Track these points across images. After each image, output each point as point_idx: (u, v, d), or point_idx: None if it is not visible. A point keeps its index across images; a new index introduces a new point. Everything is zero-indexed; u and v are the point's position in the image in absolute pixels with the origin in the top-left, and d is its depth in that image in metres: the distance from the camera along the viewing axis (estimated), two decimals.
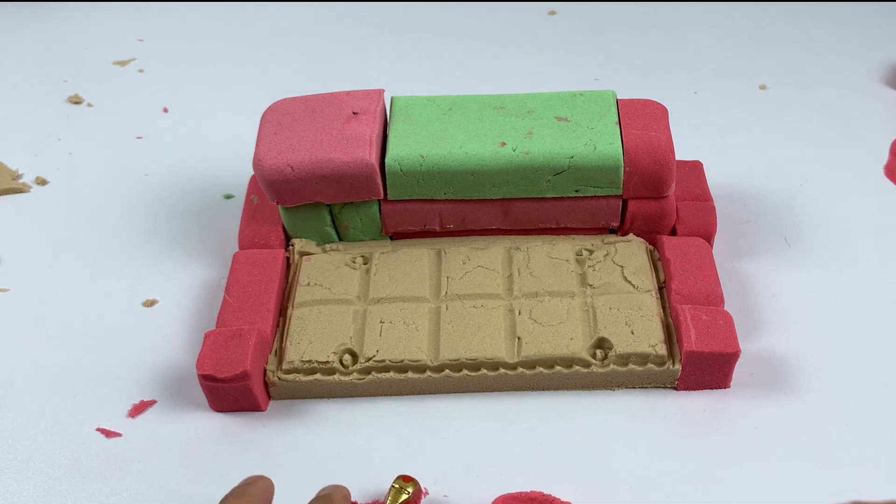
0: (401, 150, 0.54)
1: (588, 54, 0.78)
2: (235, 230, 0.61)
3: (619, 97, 0.57)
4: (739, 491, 0.47)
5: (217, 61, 0.80)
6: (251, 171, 0.63)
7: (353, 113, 0.55)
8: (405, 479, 0.46)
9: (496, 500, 0.45)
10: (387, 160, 0.54)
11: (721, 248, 0.59)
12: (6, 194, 0.67)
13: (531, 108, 0.56)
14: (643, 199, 0.55)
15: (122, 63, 0.80)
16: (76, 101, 0.76)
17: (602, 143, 0.53)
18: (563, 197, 0.55)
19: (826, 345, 0.53)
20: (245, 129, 0.68)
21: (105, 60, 0.81)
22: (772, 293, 0.56)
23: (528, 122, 0.55)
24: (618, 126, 0.54)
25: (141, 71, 0.79)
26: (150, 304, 0.58)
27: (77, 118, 0.74)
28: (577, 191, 0.55)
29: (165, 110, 0.75)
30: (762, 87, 0.73)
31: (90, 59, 0.81)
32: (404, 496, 0.45)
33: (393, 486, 0.45)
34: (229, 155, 0.69)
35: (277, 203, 0.55)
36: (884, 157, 0.66)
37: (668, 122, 0.55)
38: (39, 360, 0.55)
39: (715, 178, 0.63)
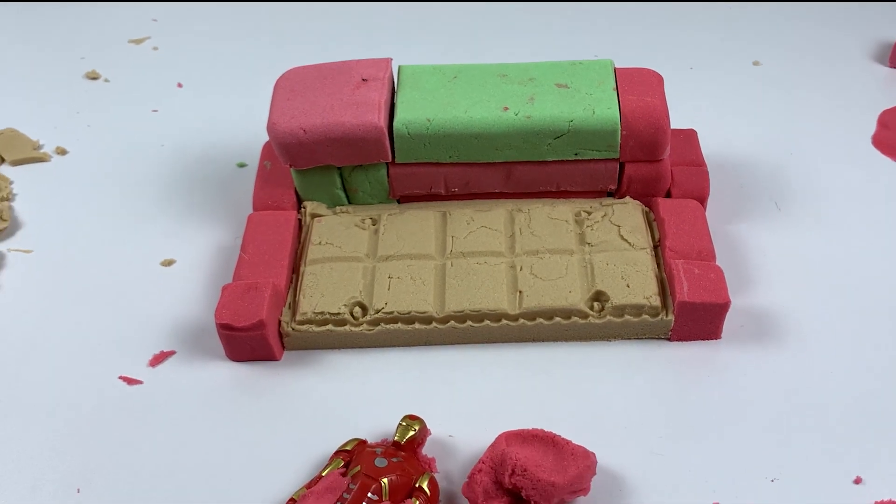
0: (408, 114, 0.57)
1: (587, 32, 0.81)
2: (249, 196, 0.63)
3: None
4: (728, 431, 0.49)
5: (228, 39, 0.82)
6: (263, 142, 0.66)
7: (363, 80, 0.58)
8: (411, 418, 0.48)
9: (500, 436, 0.47)
10: (395, 123, 0.56)
11: (714, 212, 0.62)
12: (28, 163, 0.70)
13: (533, 75, 0.59)
14: (639, 163, 0.58)
15: (138, 41, 0.83)
16: (93, 76, 0.79)
17: (600, 108, 0.56)
18: (563, 160, 0.58)
19: (812, 300, 0.56)
20: (256, 103, 0.71)
21: (120, 39, 0.83)
22: (762, 253, 0.59)
23: (529, 88, 0.58)
24: (615, 92, 0.57)
25: (155, 49, 0.82)
26: (168, 263, 0.61)
27: (94, 93, 0.77)
28: (576, 154, 0.57)
29: (180, 85, 0.77)
30: (755, 64, 0.76)
31: (106, 38, 0.83)
32: (411, 433, 0.47)
33: (400, 424, 0.48)
34: (242, 127, 0.72)
35: (290, 166, 0.58)
36: (872, 128, 0.69)
37: (663, 89, 0.58)
38: (63, 316, 0.58)
39: (709, 149, 0.65)
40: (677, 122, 0.63)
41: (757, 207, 0.63)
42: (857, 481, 0.47)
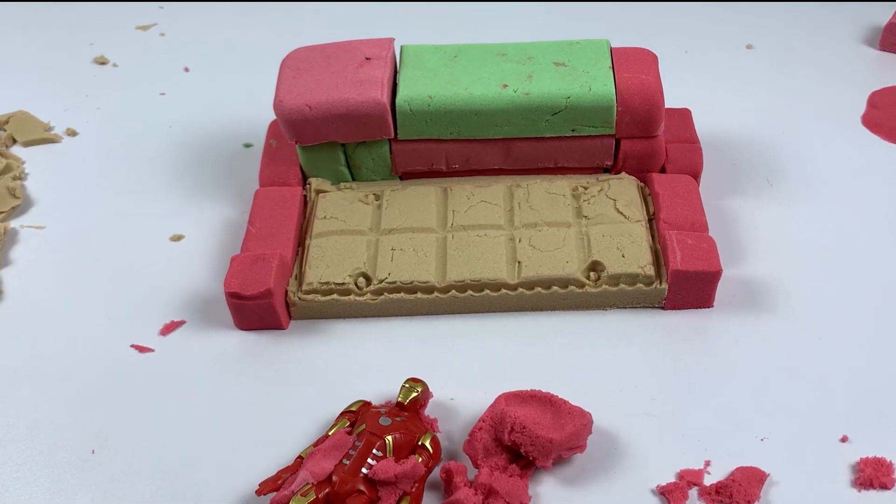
0: (410, 91, 0.58)
1: (582, 18, 0.83)
2: (255, 175, 0.65)
3: None
4: (720, 393, 0.51)
5: (233, 25, 0.84)
6: (267, 123, 0.68)
7: (366, 58, 0.60)
8: (414, 381, 0.50)
9: (499, 396, 0.49)
10: (397, 100, 0.58)
11: (707, 188, 0.63)
12: (39, 144, 0.72)
13: (531, 54, 0.61)
14: (635, 139, 0.60)
15: (145, 28, 0.85)
16: (102, 61, 0.80)
17: (596, 85, 0.58)
18: (560, 136, 0.60)
19: (802, 271, 0.58)
20: (260, 86, 0.73)
21: (128, 26, 0.85)
22: (753, 227, 0.61)
23: (528, 66, 0.60)
24: (611, 70, 0.59)
25: (162, 35, 0.84)
26: (177, 238, 0.63)
27: (103, 77, 0.79)
28: (573, 130, 0.59)
29: (186, 70, 0.79)
30: (749, 47, 0.78)
31: (114, 24, 0.85)
32: (414, 394, 0.49)
33: (403, 386, 0.50)
34: (247, 109, 0.74)
35: (296, 142, 0.60)
36: (862, 108, 0.71)
37: (657, 67, 0.60)
38: (75, 288, 0.60)
39: (703, 129, 0.67)
40: (672, 103, 0.65)
41: (749, 184, 0.64)
42: (844, 440, 0.49)
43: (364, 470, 0.45)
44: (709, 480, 0.47)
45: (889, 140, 0.67)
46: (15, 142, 0.72)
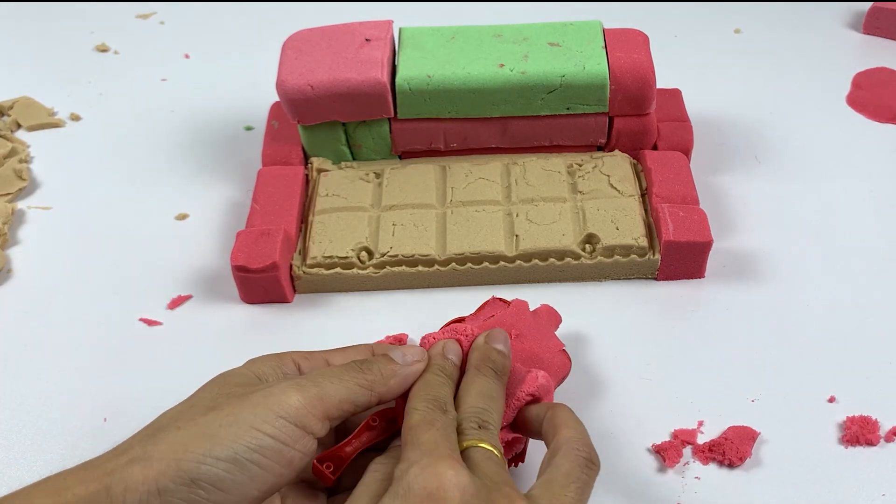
0: (410, 71, 0.60)
1: (574, 5, 0.84)
2: (257, 157, 0.67)
3: None
4: (712, 358, 0.53)
5: (231, 13, 0.86)
6: (267, 107, 0.69)
7: (366, 40, 0.62)
8: None
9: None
10: (397, 80, 0.60)
11: (698, 165, 0.65)
12: (43, 129, 0.73)
13: (526, 35, 0.62)
14: (627, 117, 0.62)
15: (145, 16, 0.86)
16: (103, 49, 0.82)
17: (590, 64, 0.60)
18: (555, 115, 0.61)
19: (789, 242, 0.60)
20: (259, 71, 0.74)
21: (128, 14, 0.86)
22: (742, 201, 0.63)
23: (523, 47, 0.61)
24: (604, 50, 0.61)
25: (162, 23, 0.85)
26: (182, 217, 0.64)
27: (105, 64, 0.80)
28: (567, 108, 0.61)
29: (187, 56, 0.81)
30: (737, 31, 0.80)
31: (114, 13, 0.87)
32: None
33: None
34: (247, 94, 0.75)
35: (298, 122, 0.61)
36: (846, 88, 0.73)
37: (649, 48, 0.61)
38: (83, 266, 0.61)
39: (693, 109, 0.69)
40: (663, 85, 0.66)
41: (738, 161, 0.66)
42: (831, 400, 0.51)
43: None
44: (702, 439, 0.49)
45: (872, 118, 0.69)
46: (19, 126, 0.73)
